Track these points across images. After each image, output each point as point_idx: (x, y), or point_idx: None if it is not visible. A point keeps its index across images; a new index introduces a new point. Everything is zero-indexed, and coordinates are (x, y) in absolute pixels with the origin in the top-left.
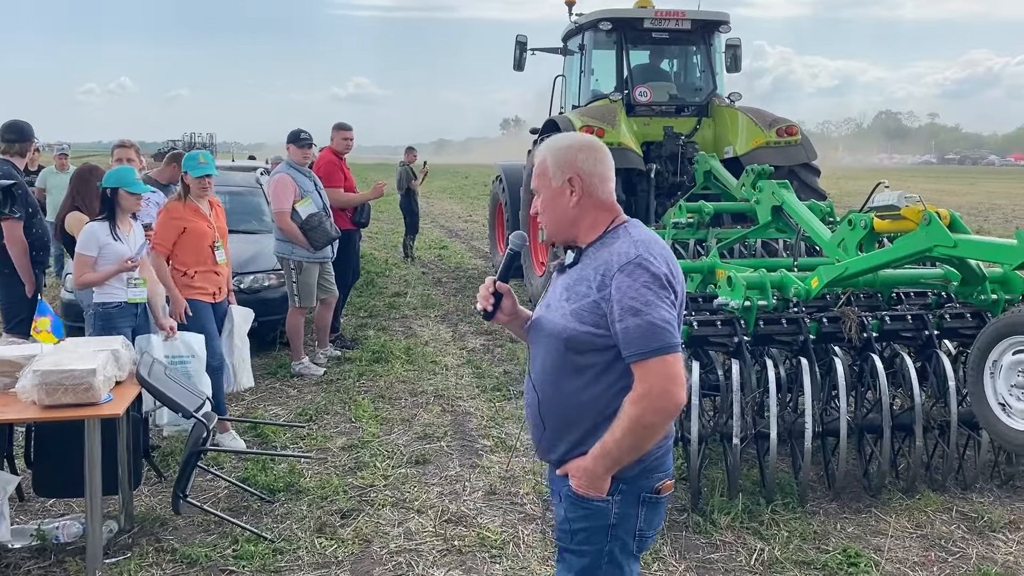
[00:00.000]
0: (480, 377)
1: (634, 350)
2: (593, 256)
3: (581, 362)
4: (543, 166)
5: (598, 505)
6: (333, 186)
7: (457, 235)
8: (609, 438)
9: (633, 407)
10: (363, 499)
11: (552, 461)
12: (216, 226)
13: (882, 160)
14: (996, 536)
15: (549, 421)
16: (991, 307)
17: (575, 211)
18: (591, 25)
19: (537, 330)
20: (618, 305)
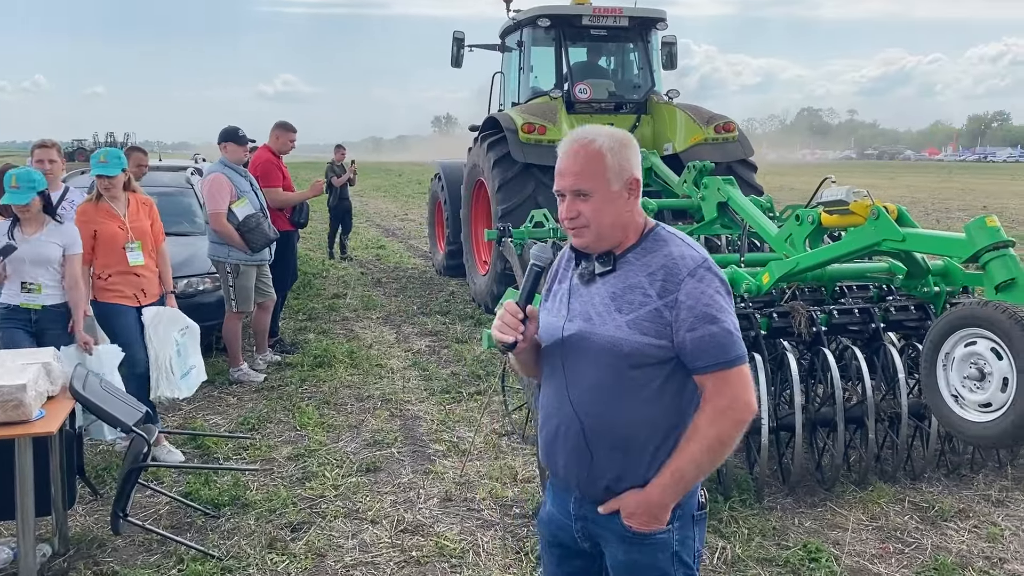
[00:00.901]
0: (428, 380)
1: (711, 360)
2: (637, 262)
3: (638, 379)
4: (599, 164)
5: (661, 538)
6: (271, 185)
7: (394, 234)
8: (683, 463)
9: (714, 425)
10: (314, 511)
11: (594, 496)
12: (135, 227)
13: (805, 156)
14: (948, 525)
15: (600, 449)
16: (933, 299)
17: (628, 216)
18: (529, 22)
19: (578, 347)
20: (690, 312)
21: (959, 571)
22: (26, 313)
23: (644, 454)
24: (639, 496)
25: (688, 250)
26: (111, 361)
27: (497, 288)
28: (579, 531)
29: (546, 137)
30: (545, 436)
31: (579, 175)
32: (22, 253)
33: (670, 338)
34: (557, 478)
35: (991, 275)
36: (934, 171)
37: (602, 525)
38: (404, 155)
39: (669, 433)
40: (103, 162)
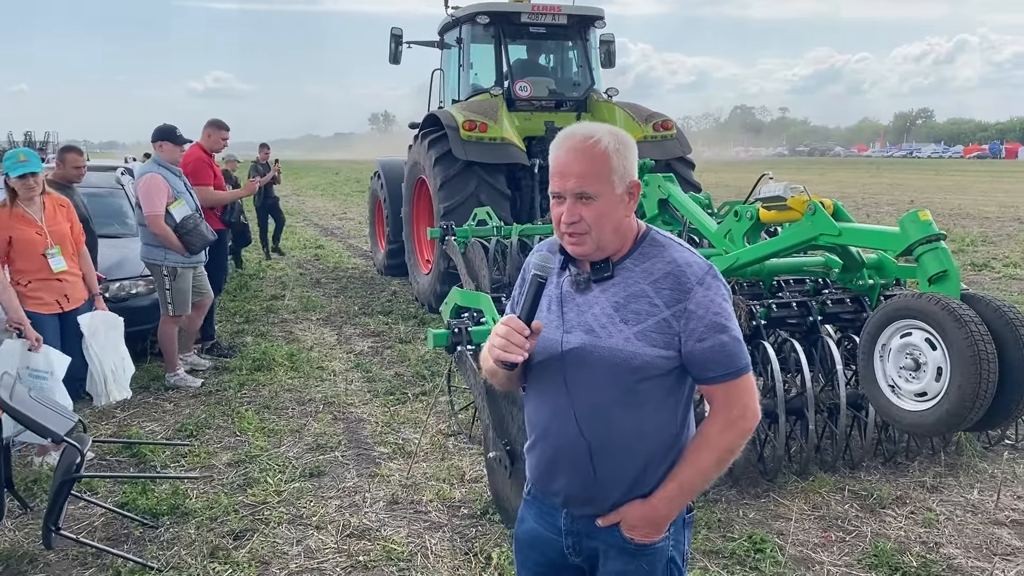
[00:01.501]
0: (371, 381)
1: (723, 370)
2: (637, 268)
3: (645, 391)
4: (605, 166)
5: (660, 546)
6: (202, 184)
7: (333, 233)
8: (692, 474)
9: (724, 436)
10: (256, 518)
11: (594, 512)
12: (53, 231)
13: (739, 153)
14: (886, 512)
15: (604, 466)
16: (868, 292)
17: (628, 222)
18: (468, 19)
19: (581, 361)
20: (700, 322)
21: (898, 556)
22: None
23: (649, 467)
24: (643, 509)
25: (692, 256)
26: (61, 365)
27: (440, 287)
28: (570, 546)
29: (487, 134)
30: (540, 457)
31: (584, 177)
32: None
33: (677, 348)
34: (554, 498)
35: (924, 267)
36: (863, 167)
37: (599, 538)
38: (342, 153)
39: (673, 443)
40: (25, 161)
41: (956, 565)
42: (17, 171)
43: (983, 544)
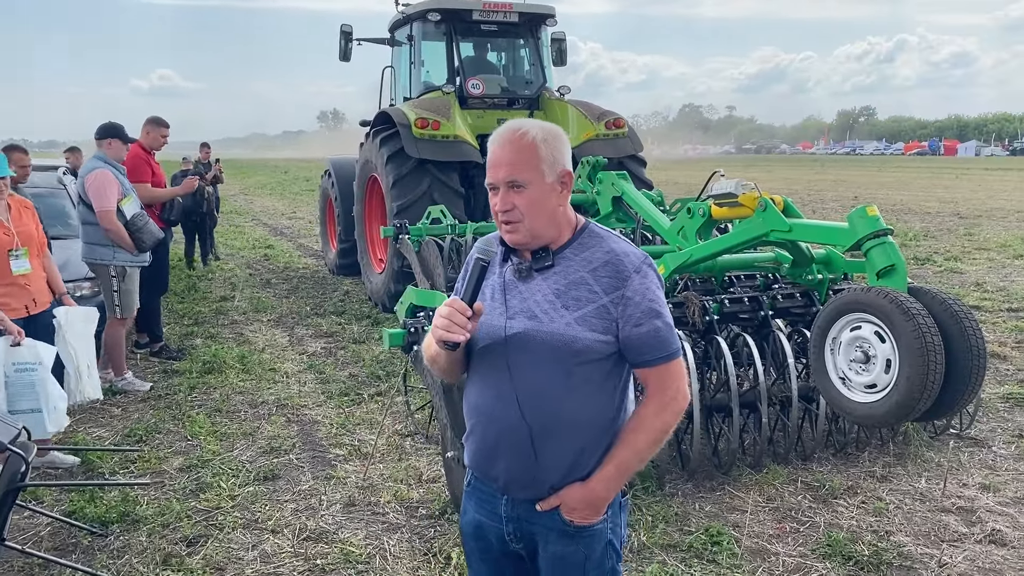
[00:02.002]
0: (324, 382)
1: (657, 354)
2: (576, 258)
3: (585, 375)
4: (534, 155)
5: (598, 528)
6: (140, 181)
7: (283, 233)
8: (628, 455)
9: (659, 417)
10: (210, 523)
11: (534, 496)
12: (21, 231)
13: (687, 151)
14: (838, 503)
15: (544, 449)
16: (817, 286)
17: (563, 210)
18: (419, 16)
19: (524, 345)
20: (637, 308)
21: (850, 545)
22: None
23: (588, 450)
24: (582, 491)
25: (629, 247)
26: (48, 355)
27: (394, 286)
28: (511, 532)
29: (440, 132)
30: (481, 441)
31: (513, 165)
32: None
33: (615, 333)
34: (494, 483)
35: (873, 262)
36: (808, 164)
37: (538, 522)
38: (291, 151)
39: (610, 427)
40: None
41: (906, 552)
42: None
43: (931, 531)
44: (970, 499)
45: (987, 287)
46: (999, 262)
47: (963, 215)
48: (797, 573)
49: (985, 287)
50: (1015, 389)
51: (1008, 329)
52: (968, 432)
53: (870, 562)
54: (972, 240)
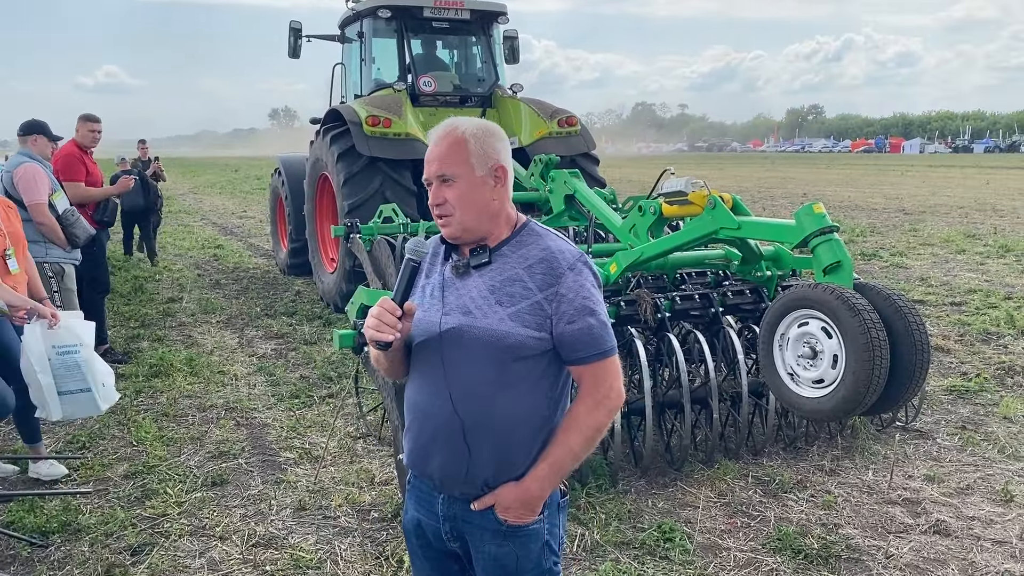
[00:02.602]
0: (275, 385)
1: (590, 351)
2: (513, 255)
3: (519, 371)
4: (462, 150)
5: (534, 528)
6: (73, 180)
7: (232, 232)
8: (562, 454)
9: (592, 415)
10: (156, 531)
11: (470, 493)
12: (10, 232)
13: (641, 149)
14: (788, 497)
15: (479, 446)
16: (766, 283)
17: (497, 205)
18: (370, 12)
19: (457, 341)
20: (571, 305)
21: (800, 539)
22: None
23: (523, 447)
24: (516, 490)
25: (565, 244)
26: (88, 332)
27: (346, 286)
28: (448, 531)
29: (392, 130)
30: (417, 437)
31: (442, 160)
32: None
33: (549, 330)
34: (430, 480)
35: (819, 259)
36: (758, 162)
37: (473, 522)
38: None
39: (544, 425)
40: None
41: (854, 545)
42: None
43: (878, 523)
44: (915, 491)
45: (931, 282)
46: (943, 257)
47: (908, 211)
48: (748, 568)
49: (929, 282)
50: (958, 382)
51: (951, 323)
52: (913, 424)
53: (819, 555)
54: (917, 236)
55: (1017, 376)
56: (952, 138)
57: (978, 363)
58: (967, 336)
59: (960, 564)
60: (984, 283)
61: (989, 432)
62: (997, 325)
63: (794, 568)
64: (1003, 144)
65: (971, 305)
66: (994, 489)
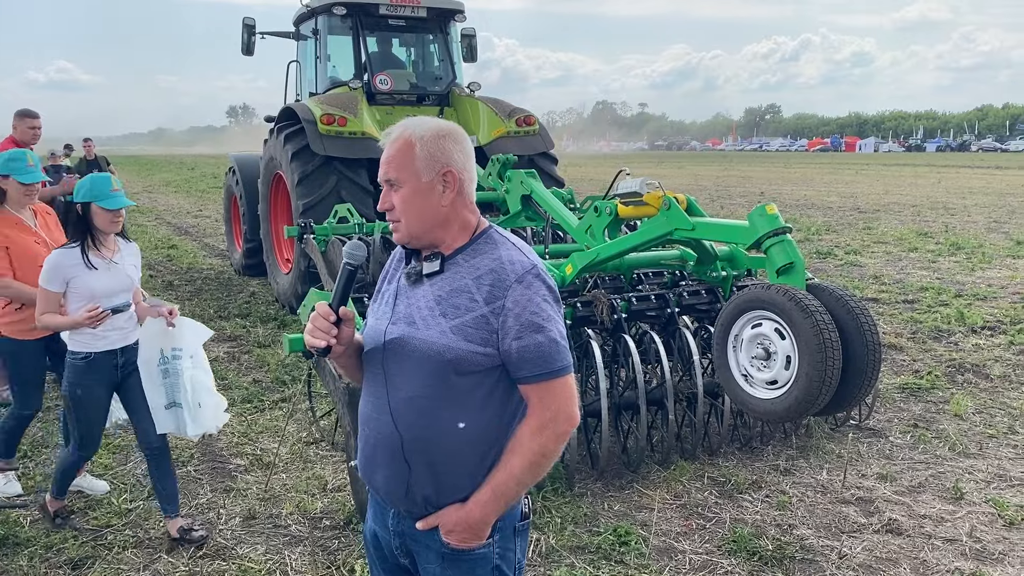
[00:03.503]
0: (227, 389)
1: (536, 370)
2: (466, 264)
3: (462, 387)
4: (408, 154)
5: (481, 552)
6: None
7: (187, 232)
8: (504, 478)
9: (535, 439)
10: (99, 543)
11: (413, 511)
12: (48, 240)
13: (601, 148)
14: (743, 497)
15: (419, 463)
16: (722, 283)
17: (447, 211)
18: (324, 9)
19: (399, 352)
20: (516, 320)
21: (755, 540)
22: (110, 358)
23: (465, 468)
24: (460, 512)
25: (518, 255)
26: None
27: (301, 287)
28: (398, 547)
29: (347, 129)
30: (363, 447)
31: (389, 164)
32: (104, 283)
33: (496, 346)
34: (377, 492)
35: (772, 260)
36: (717, 160)
37: (419, 541)
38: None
39: (492, 445)
40: (32, 166)
41: (808, 545)
42: (29, 178)
43: (832, 523)
44: (868, 489)
45: (884, 279)
46: (896, 255)
47: (862, 210)
48: (703, 571)
49: (883, 279)
50: (910, 379)
51: (904, 320)
52: (867, 423)
53: (774, 557)
54: (871, 234)
55: (967, 374)
56: (905, 137)
57: (930, 361)
58: (919, 334)
59: (912, 563)
60: (936, 281)
61: (940, 430)
62: (948, 323)
63: (749, 570)
64: (954, 143)
65: (923, 303)
66: (945, 487)
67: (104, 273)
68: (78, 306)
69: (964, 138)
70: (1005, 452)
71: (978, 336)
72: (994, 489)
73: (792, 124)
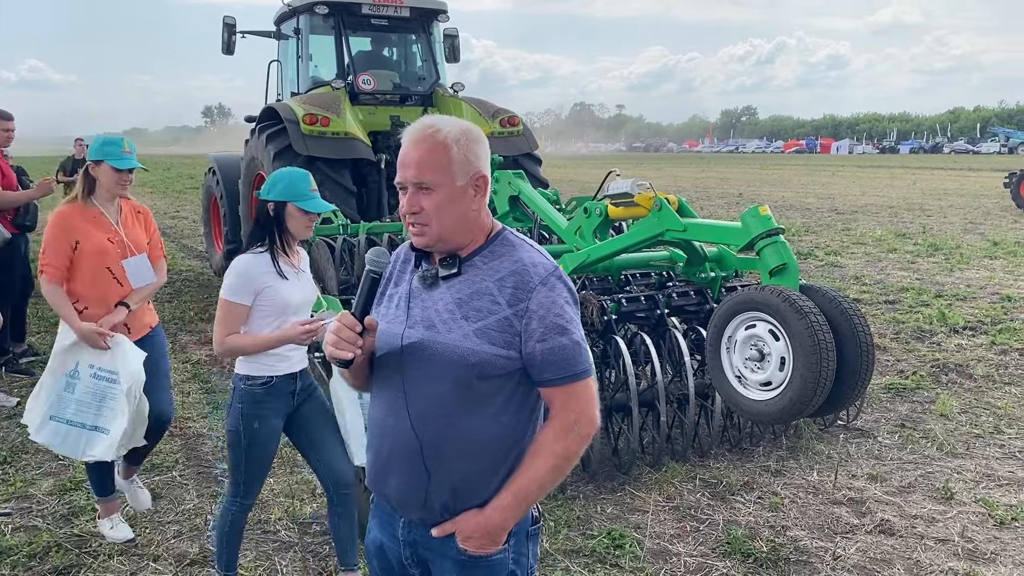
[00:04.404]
0: (210, 392)
1: (560, 373)
2: (485, 266)
3: (484, 391)
4: (444, 156)
5: (498, 559)
6: None
7: (165, 234)
8: (526, 482)
9: (560, 441)
10: (84, 551)
11: (428, 519)
12: (133, 240)
13: (580, 149)
14: (735, 499)
15: (439, 469)
16: (711, 284)
17: (475, 215)
18: (306, 8)
19: (419, 357)
20: (541, 323)
21: (749, 542)
22: (290, 383)
23: (485, 473)
24: (479, 518)
25: (539, 257)
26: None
27: None
28: (408, 557)
29: (330, 129)
30: (375, 457)
31: (421, 166)
32: (296, 296)
33: (518, 348)
34: (388, 501)
35: (765, 261)
36: (695, 162)
37: (434, 549)
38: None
39: (512, 449)
40: (129, 153)
41: (802, 547)
42: (124, 164)
43: (824, 524)
44: (859, 490)
45: (865, 280)
46: (875, 255)
47: (840, 211)
48: (699, 573)
49: (864, 280)
50: (896, 380)
51: (886, 321)
52: (855, 423)
53: (768, 559)
54: (850, 235)
55: (951, 373)
56: (879, 139)
57: (914, 361)
58: (902, 334)
59: (905, 564)
60: (916, 281)
61: (927, 430)
62: (930, 323)
63: (744, 572)
64: (927, 145)
65: (904, 303)
66: (935, 487)
67: (295, 284)
68: (266, 322)
69: (937, 140)
70: (992, 452)
71: (960, 336)
72: (983, 489)
73: (768, 126)
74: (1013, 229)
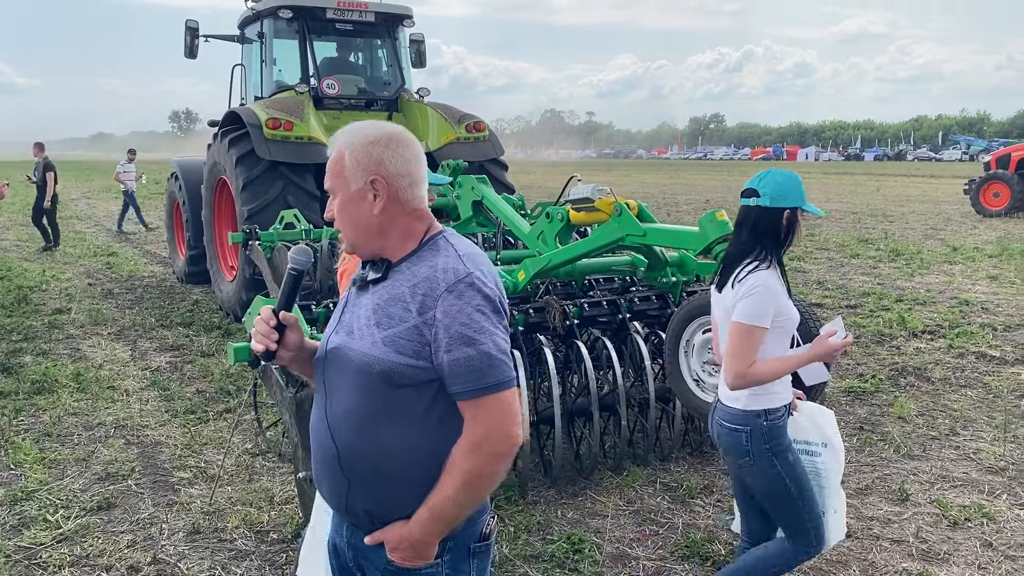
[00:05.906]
0: (169, 400)
1: (467, 386)
2: (407, 272)
3: (398, 401)
4: (339, 163)
5: (427, 573)
6: None
7: (128, 239)
8: (439, 499)
9: (468, 459)
10: (32, 563)
11: (359, 525)
12: None
13: (549, 155)
14: (695, 503)
15: (355, 478)
16: (672, 289)
17: (380, 219)
18: (270, 13)
19: (337, 363)
20: (446, 332)
21: (707, 546)
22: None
23: (406, 484)
24: (402, 530)
25: (454, 262)
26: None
27: (246, 295)
28: (351, 559)
29: (293, 133)
30: (313, 458)
31: (326, 173)
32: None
33: (429, 358)
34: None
35: None
36: (663, 168)
37: (368, 557)
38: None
39: (435, 461)
40: None
41: None
42: None
43: None
44: None
45: (828, 285)
46: (838, 261)
47: (804, 217)
48: None
49: (826, 285)
50: (855, 383)
51: (847, 325)
52: None
53: (726, 561)
54: (813, 240)
55: (910, 376)
56: (844, 146)
57: (873, 364)
58: (862, 338)
59: (861, 565)
60: (877, 286)
61: (885, 432)
62: (890, 327)
63: (702, 575)
64: (891, 152)
65: (865, 307)
66: (891, 489)
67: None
68: (781, 343)
69: (900, 148)
70: (947, 454)
71: (919, 340)
72: (938, 490)
73: (736, 133)
74: (972, 235)
